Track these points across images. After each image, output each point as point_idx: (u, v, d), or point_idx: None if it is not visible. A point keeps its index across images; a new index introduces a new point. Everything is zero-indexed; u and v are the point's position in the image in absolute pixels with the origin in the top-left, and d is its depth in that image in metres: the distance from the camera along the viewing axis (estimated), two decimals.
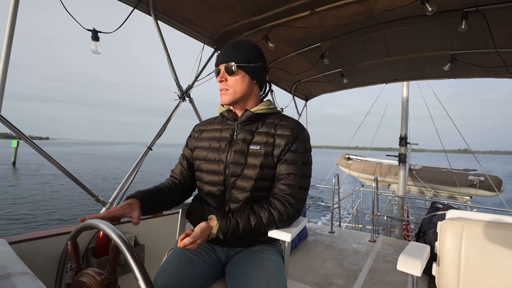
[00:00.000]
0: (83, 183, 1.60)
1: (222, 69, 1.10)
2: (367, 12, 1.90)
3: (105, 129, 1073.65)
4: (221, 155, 1.11)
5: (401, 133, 5.13)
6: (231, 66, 1.09)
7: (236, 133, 1.14)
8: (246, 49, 1.12)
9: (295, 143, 1.06)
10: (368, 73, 3.27)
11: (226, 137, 1.15)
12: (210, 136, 1.20)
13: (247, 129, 1.12)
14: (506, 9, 1.77)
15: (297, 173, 1.05)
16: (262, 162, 1.05)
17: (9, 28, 1.30)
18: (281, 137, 1.07)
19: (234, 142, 1.12)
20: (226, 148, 1.11)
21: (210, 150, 1.15)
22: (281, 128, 1.10)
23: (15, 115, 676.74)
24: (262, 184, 1.07)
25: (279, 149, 1.06)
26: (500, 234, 1.19)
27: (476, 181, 6.59)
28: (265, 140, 1.08)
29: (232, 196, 1.08)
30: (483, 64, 2.58)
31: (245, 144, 1.09)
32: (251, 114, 1.12)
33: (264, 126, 1.12)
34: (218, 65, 1.12)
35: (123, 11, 2.20)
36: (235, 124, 1.15)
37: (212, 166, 1.13)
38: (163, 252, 1.28)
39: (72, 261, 0.86)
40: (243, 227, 0.98)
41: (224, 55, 1.11)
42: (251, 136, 1.11)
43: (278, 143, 1.07)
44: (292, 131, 1.08)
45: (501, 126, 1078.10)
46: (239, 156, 1.08)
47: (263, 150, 1.06)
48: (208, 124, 1.26)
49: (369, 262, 2.36)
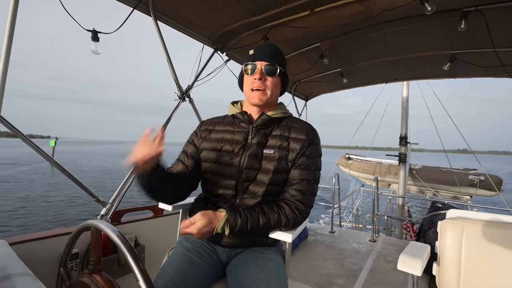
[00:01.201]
0: (83, 184, 1.60)
1: (261, 67, 1.06)
2: (366, 12, 1.90)
3: (105, 128, 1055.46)
4: (234, 159, 1.07)
5: (401, 132, 5.14)
6: (276, 68, 1.06)
7: (250, 137, 1.10)
8: (282, 56, 1.13)
9: (309, 148, 1.06)
10: (368, 73, 3.27)
11: (239, 140, 1.10)
12: (220, 137, 1.14)
13: (262, 133, 1.10)
14: (505, 8, 1.77)
15: (310, 179, 1.05)
16: (276, 167, 1.04)
17: (9, 28, 1.30)
18: (296, 141, 1.06)
19: (248, 146, 1.08)
20: (240, 152, 1.08)
21: (222, 152, 1.10)
22: (295, 131, 1.09)
23: (14, 113, 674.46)
24: (274, 189, 1.06)
25: (294, 154, 1.05)
26: (500, 233, 1.19)
27: (476, 180, 6.60)
28: (279, 143, 1.06)
29: (243, 201, 1.07)
30: (482, 63, 2.58)
31: (259, 148, 1.07)
32: (268, 118, 1.10)
33: (278, 129, 1.11)
34: (255, 61, 1.07)
35: (122, 11, 2.20)
36: (250, 128, 1.11)
37: (224, 169, 1.08)
38: (163, 253, 1.28)
39: (65, 282, 0.87)
40: (251, 226, 0.97)
41: (266, 53, 1.08)
42: (265, 140, 1.08)
43: (292, 147, 1.05)
44: (307, 135, 1.07)
45: (500, 126, 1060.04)
46: (253, 161, 1.05)
47: (277, 154, 1.05)
48: (216, 124, 1.20)
49: (369, 261, 2.36)
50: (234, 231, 0.95)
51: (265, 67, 1.06)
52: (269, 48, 1.11)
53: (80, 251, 1.58)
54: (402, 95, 5.34)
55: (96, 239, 0.74)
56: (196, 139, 1.20)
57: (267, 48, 1.11)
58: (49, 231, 1.52)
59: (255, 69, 1.07)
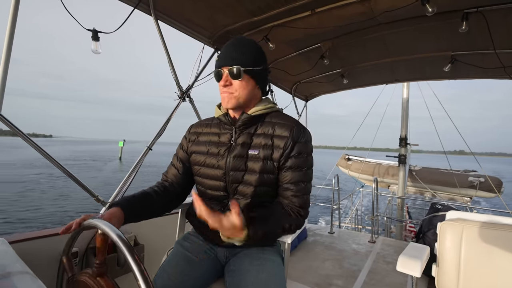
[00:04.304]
0: (83, 183, 1.60)
1: (226, 71, 1.03)
2: (367, 13, 1.90)
3: (105, 127, 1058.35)
4: (220, 161, 1.07)
5: (401, 134, 5.13)
6: (237, 70, 1.01)
7: (234, 138, 1.09)
8: (250, 51, 1.05)
9: (296, 146, 1.02)
10: (369, 74, 3.27)
11: (224, 142, 1.10)
12: (207, 140, 1.15)
13: (246, 133, 1.08)
14: (506, 10, 1.77)
15: (304, 180, 1.03)
16: (261, 168, 1.02)
17: (9, 27, 1.30)
18: (279, 138, 1.03)
19: (233, 148, 1.07)
20: (225, 154, 1.07)
21: (209, 155, 1.11)
22: (279, 128, 1.05)
23: (14, 112, 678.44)
24: (263, 190, 1.04)
25: (278, 152, 1.02)
26: (500, 235, 1.19)
27: (476, 182, 6.60)
28: (264, 143, 1.04)
29: None
30: (483, 65, 2.58)
31: (244, 149, 1.05)
32: (248, 117, 1.07)
33: (262, 127, 1.08)
34: (221, 67, 1.04)
35: (123, 10, 2.20)
36: (233, 129, 1.10)
37: (212, 172, 1.09)
38: (162, 252, 1.28)
39: (67, 272, 0.86)
40: (268, 234, 0.93)
41: (228, 57, 1.04)
42: (250, 140, 1.06)
43: (276, 145, 1.02)
44: (291, 132, 1.02)
45: (499, 128, 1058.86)
46: (238, 162, 1.04)
47: (262, 154, 1.02)
48: (205, 127, 1.20)
49: (368, 262, 2.36)
50: (246, 241, 0.89)
51: (230, 71, 1.02)
52: (232, 49, 1.05)
53: (79, 250, 1.58)
54: (403, 96, 5.33)
55: (101, 243, 0.73)
56: (186, 142, 1.21)
57: (229, 49, 1.05)
58: (49, 230, 1.52)
59: (221, 75, 1.04)
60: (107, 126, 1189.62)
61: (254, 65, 1.04)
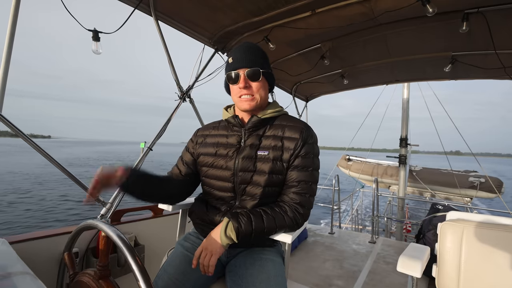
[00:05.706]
0: (83, 183, 1.60)
1: (243, 74, 1.04)
2: (368, 13, 1.90)
3: (105, 127, 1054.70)
4: (228, 162, 1.08)
5: (401, 134, 5.12)
6: (257, 72, 1.04)
7: (243, 140, 1.10)
8: (262, 55, 1.10)
9: (304, 147, 1.04)
10: (369, 74, 3.27)
11: (233, 143, 1.11)
12: (215, 141, 1.16)
13: (255, 135, 1.10)
14: (507, 10, 1.77)
15: (308, 180, 1.04)
16: (271, 168, 1.03)
17: (10, 26, 1.30)
18: (290, 140, 1.05)
19: (242, 149, 1.09)
20: (234, 155, 1.08)
21: (217, 156, 1.12)
22: (289, 130, 1.07)
23: (15, 112, 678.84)
24: (272, 190, 1.05)
25: (288, 153, 1.04)
26: (500, 235, 1.18)
27: (477, 182, 6.58)
28: (273, 144, 1.06)
29: (242, 203, 1.07)
30: (484, 65, 2.58)
31: (253, 150, 1.07)
32: (258, 120, 1.09)
33: (271, 130, 1.10)
34: (236, 69, 1.06)
35: (123, 10, 2.20)
36: (242, 131, 1.11)
37: (220, 172, 1.10)
38: (163, 253, 1.29)
39: (69, 269, 0.86)
40: (256, 225, 0.96)
41: (245, 59, 1.05)
42: (259, 141, 1.08)
43: (286, 146, 1.04)
44: (301, 134, 1.05)
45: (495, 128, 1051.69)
46: (247, 163, 1.05)
47: (272, 155, 1.04)
48: (211, 129, 1.22)
49: (369, 263, 2.36)
50: (240, 231, 0.94)
51: (248, 74, 1.04)
52: (247, 52, 1.07)
53: (80, 250, 1.58)
54: (403, 97, 5.32)
55: (105, 245, 0.73)
56: (192, 145, 1.23)
57: (245, 52, 1.08)
58: (49, 230, 1.52)
59: (238, 78, 1.05)
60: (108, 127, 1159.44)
61: (268, 67, 1.11)
